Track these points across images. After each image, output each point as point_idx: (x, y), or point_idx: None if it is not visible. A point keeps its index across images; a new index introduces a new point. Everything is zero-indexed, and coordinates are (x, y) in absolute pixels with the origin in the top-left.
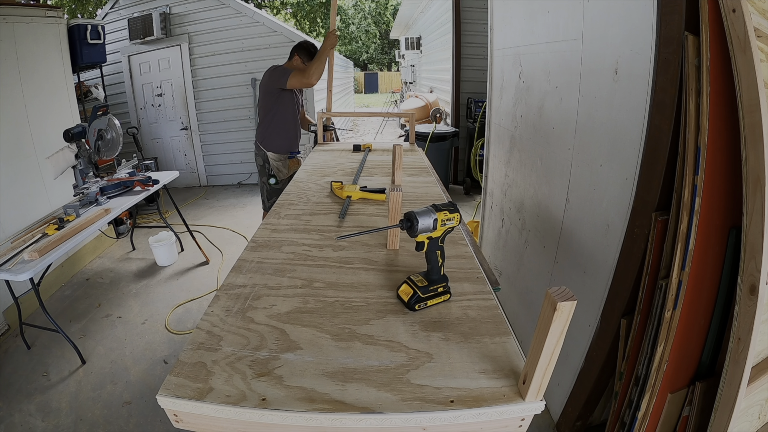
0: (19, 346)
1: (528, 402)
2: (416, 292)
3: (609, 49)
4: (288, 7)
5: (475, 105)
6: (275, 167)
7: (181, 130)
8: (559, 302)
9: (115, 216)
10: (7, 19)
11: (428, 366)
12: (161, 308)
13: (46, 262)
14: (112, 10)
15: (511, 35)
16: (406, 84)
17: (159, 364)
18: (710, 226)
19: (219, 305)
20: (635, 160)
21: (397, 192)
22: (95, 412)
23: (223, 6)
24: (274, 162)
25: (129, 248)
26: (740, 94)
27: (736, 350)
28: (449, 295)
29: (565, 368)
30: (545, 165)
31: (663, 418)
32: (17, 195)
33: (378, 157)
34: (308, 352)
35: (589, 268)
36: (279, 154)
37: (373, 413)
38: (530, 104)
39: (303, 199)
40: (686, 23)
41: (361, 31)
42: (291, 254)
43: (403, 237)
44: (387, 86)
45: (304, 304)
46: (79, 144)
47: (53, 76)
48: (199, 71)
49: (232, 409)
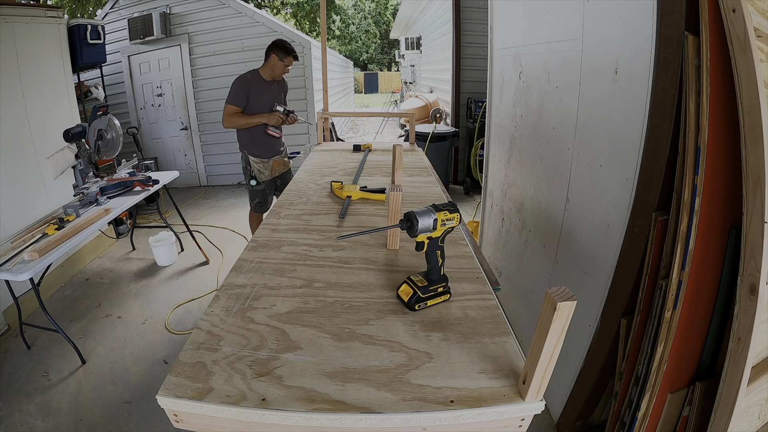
0: (19, 346)
1: (528, 402)
2: (416, 292)
3: (609, 49)
4: (288, 7)
5: (475, 105)
6: (256, 169)
7: (181, 130)
8: (559, 302)
9: (115, 216)
10: (7, 19)
11: (428, 366)
12: (161, 308)
13: (46, 262)
14: (112, 10)
15: (511, 35)
16: (406, 84)
17: (159, 364)
18: (710, 226)
19: (219, 305)
20: (635, 160)
21: (397, 192)
22: (95, 412)
23: (223, 6)
24: (254, 164)
25: (129, 248)
26: (740, 94)
27: (736, 350)
28: (449, 295)
29: (565, 368)
30: (545, 165)
31: (663, 418)
32: (17, 195)
33: (378, 157)
34: (308, 352)
35: (589, 268)
36: (260, 158)
37: (373, 413)
38: (530, 104)
39: (303, 199)
40: (686, 23)
41: (361, 31)
42: (291, 254)
43: (403, 237)
44: (387, 86)
45: (304, 304)
46: (79, 144)
47: (53, 76)
48: (199, 71)
49: (232, 409)
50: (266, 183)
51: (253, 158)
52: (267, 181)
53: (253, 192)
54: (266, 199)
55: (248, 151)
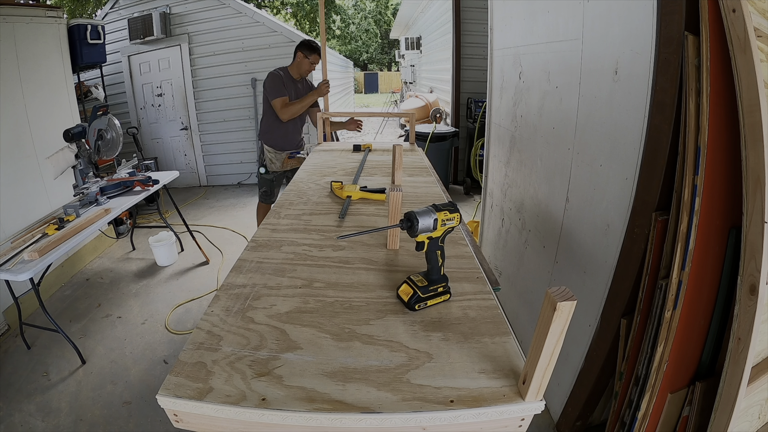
0: (19, 346)
1: (528, 402)
2: (416, 292)
3: (609, 49)
4: (288, 7)
5: (475, 105)
6: (268, 159)
7: (181, 130)
8: (559, 302)
9: (115, 216)
10: (7, 19)
11: (428, 366)
12: (161, 308)
13: (46, 262)
14: (112, 10)
15: (511, 35)
16: (406, 84)
17: (159, 364)
18: (710, 226)
19: (219, 305)
20: (635, 160)
21: (397, 192)
22: (95, 412)
23: (223, 6)
24: (267, 154)
25: (129, 248)
26: (740, 94)
27: (736, 350)
28: (449, 295)
29: (565, 368)
30: (545, 165)
31: (663, 418)
32: (17, 195)
33: (378, 157)
34: (308, 352)
35: (589, 268)
36: (273, 149)
37: (373, 413)
38: (530, 104)
39: (303, 199)
40: (686, 23)
41: (361, 31)
42: (291, 254)
43: (403, 237)
44: (387, 86)
45: (304, 304)
46: (79, 144)
47: (53, 76)
48: (199, 71)
49: (232, 409)
50: (276, 174)
51: (267, 147)
52: (277, 172)
53: (261, 180)
54: (273, 190)
55: (264, 140)
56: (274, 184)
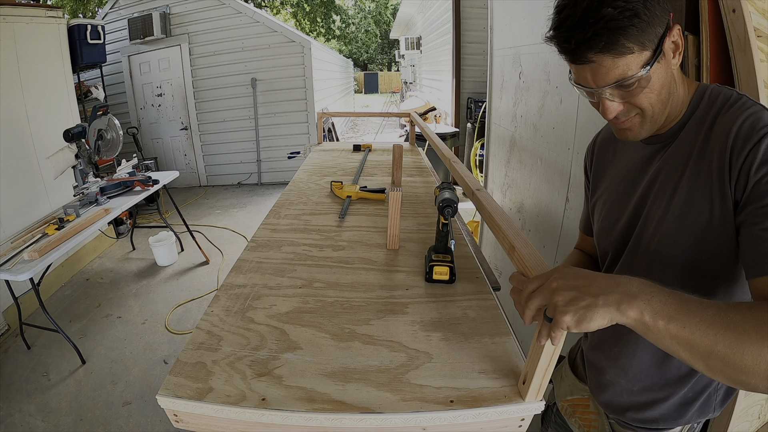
0: (19, 346)
1: (528, 402)
2: (452, 268)
3: None
4: (288, 7)
5: (475, 105)
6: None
7: (181, 130)
8: None
9: (115, 216)
10: (7, 19)
11: (428, 366)
12: (161, 308)
13: (46, 262)
14: (112, 10)
15: (511, 35)
16: (406, 84)
17: (159, 364)
18: None
19: (219, 305)
20: None
21: (397, 192)
22: (95, 412)
23: (222, 6)
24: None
25: (129, 248)
26: None
27: None
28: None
29: None
30: (545, 165)
31: None
32: (17, 195)
33: (378, 157)
34: (308, 352)
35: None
36: None
37: (373, 413)
38: (530, 104)
39: (303, 199)
40: (686, 23)
41: (361, 31)
42: (291, 254)
43: (403, 237)
44: (387, 86)
45: (304, 304)
46: (79, 144)
47: (53, 76)
48: (199, 71)
49: (232, 409)
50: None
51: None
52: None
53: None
54: None
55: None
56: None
